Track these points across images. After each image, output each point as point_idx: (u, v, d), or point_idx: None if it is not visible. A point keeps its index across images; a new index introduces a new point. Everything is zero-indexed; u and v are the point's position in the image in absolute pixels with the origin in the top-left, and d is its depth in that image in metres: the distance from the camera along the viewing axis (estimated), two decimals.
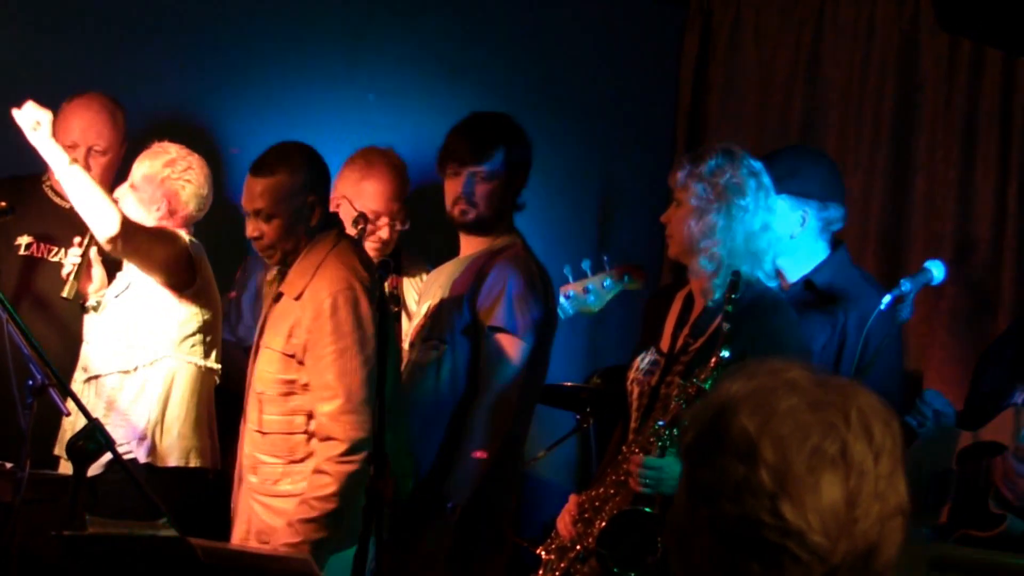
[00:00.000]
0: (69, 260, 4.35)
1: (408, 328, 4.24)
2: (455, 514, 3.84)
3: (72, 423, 3.91)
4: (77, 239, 4.36)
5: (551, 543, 3.59)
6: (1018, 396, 3.58)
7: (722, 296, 3.39)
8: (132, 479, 3.51)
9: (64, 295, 4.28)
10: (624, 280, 4.45)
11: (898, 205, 5.14)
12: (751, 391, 1.55)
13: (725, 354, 3.25)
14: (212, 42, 5.12)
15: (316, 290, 3.70)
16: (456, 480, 3.85)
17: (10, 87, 4.51)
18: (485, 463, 3.87)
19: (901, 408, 3.67)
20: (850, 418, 1.52)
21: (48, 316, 4.51)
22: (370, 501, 3.26)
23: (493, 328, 3.92)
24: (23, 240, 4.58)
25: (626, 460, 3.43)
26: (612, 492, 3.45)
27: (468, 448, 3.86)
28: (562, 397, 4.98)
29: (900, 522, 1.54)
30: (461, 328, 3.95)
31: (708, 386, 3.26)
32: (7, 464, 3.83)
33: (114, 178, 4.52)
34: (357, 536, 3.18)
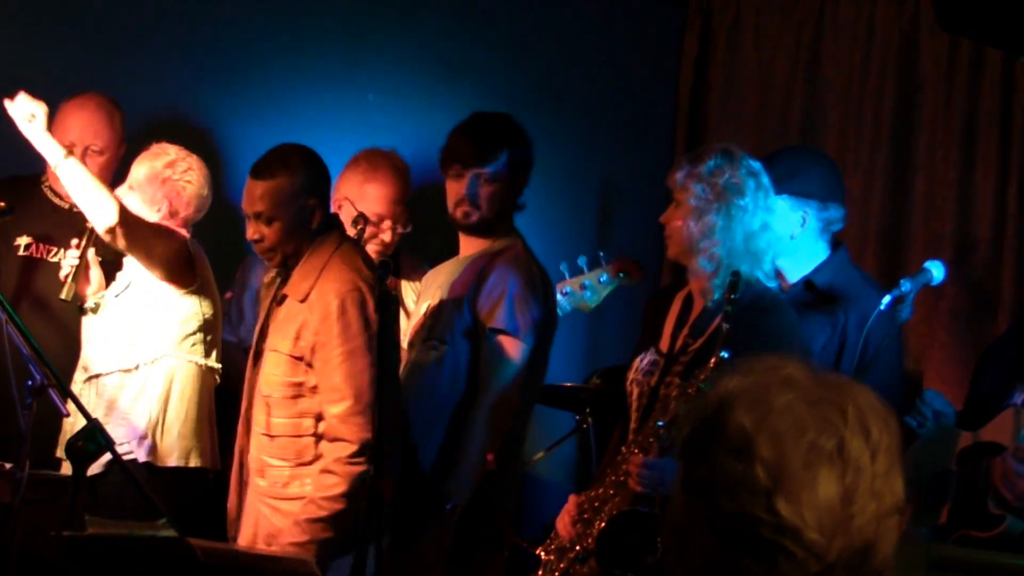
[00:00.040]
0: (67, 262, 4.34)
1: (407, 328, 4.24)
2: (455, 515, 3.84)
3: (72, 424, 3.91)
4: (74, 241, 4.35)
5: (550, 543, 3.59)
6: (1018, 396, 3.57)
7: (721, 296, 3.39)
8: (132, 480, 3.51)
9: (62, 297, 4.28)
10: (621, 276, 4.45)
11: (898, 205, 5.14)
12: (748, 387, 1.54)
13: (725, 354, 3.25)
14: (212, 43, 5.12)
15: (323, 292, 3.69)
16: (456, 481, 3.85)
17: (10, 87, 4.51)
18: (485, 464, 3.87)
19: (901, 408, 3.67)
20: (847, 415, 1.51)
21: (47, 317, 4.50)
22: (370, 501, 3.26)
23: (494, 330, 3.91)
24: (22, 240, 4.57)
25: (625, 461, 3.42)
26: (611, 493, 3.45)
27: (468, 449, 3.86)
28: (562, 397, 4.97)
29: (896, 520, 1.53)
30: (462, 330, 3.94)
31: (708, 386, 3.26)
32: (7, 465, 3.83)
33: (112, 179, 4.52)
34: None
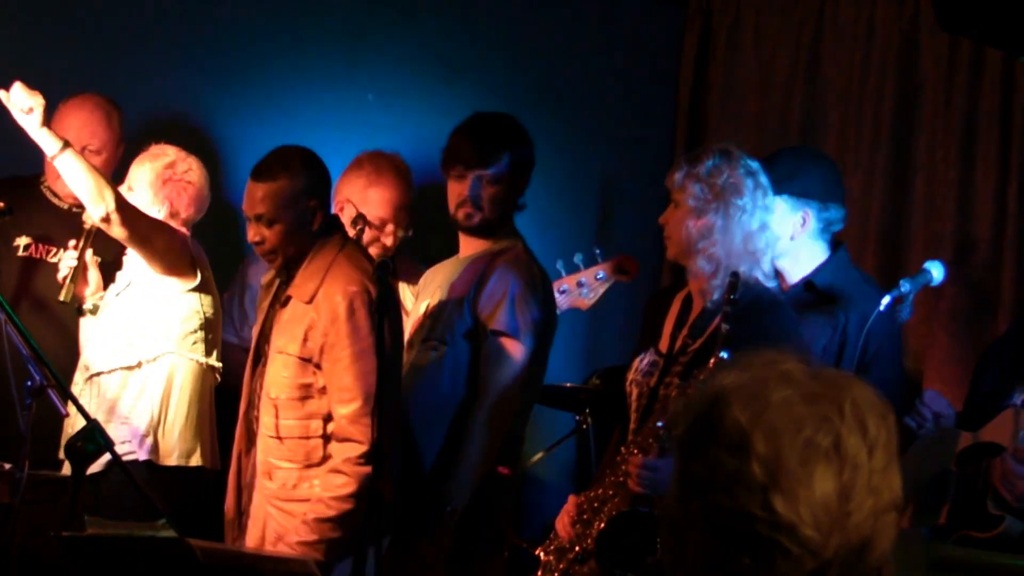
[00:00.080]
0: (65, 263, 4.34)
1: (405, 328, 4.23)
2: (455, 516, 3.84)
3: (73, 424, 3.90)
4: (72, 242, 4.35)
5: (550, 544, 3.59)
6: (1017, 397, 3.56)
7: (721, 297, 3.39)
8: (132, 481, 3.51)
9: (61, 299, 4.28)
10: (617, 272, 4.44)
11: (898, 205, 5.13)
12: (744, 383, 1.52)
13: (724, 355, 3.25)
14: (211, 43, 5.11)
15: (330, 293, 3.68)
16: (456, 482, 3.84)
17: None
18: (484, 465, 3.86)
19: (900, 409, 3.67)
20: (844, 411, 1.50)
21: (47, 317, 4.50)
22: (370, 501, 3.26)
23: (495, 332, 3.90)
24: (22, 241, 4.57)
25: (625, 461, 3.42)
26: (611, 493, 3.45)
27: (468, 450, 3.85)
28: (561, 398, 4.96)
29: (894, 517, 1.52)
30: (462, 331, 3.93)
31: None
32: (6, 465, 3.83)
33: (110, 179, 4.51)
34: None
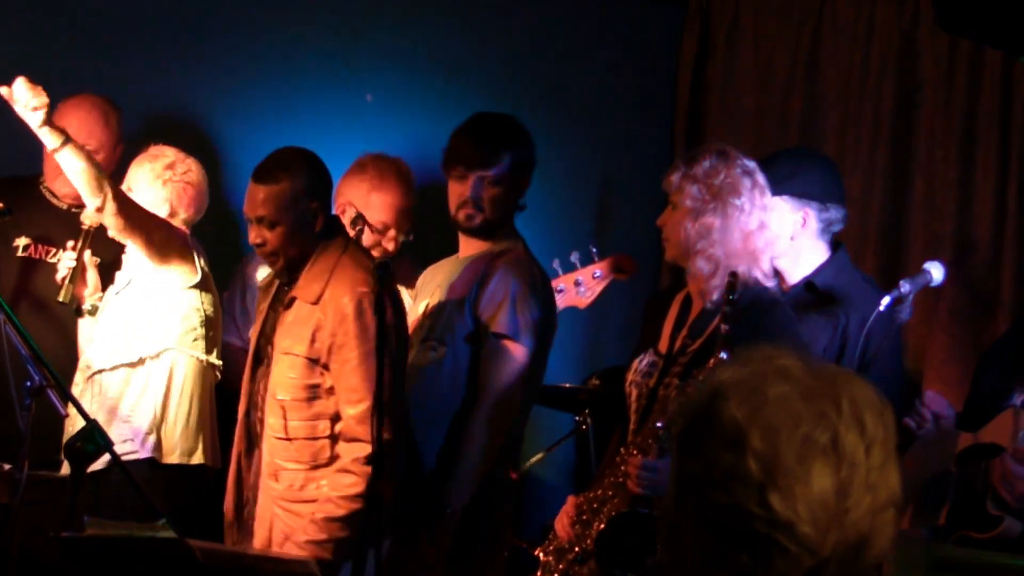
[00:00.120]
0: (64, 264, 4.34)
1: None
2: (455, 517, 3.83)
3: (73, 425, 3.90)
4: (70, 243, 4.36)
5: (549, 544, 3.59)
6: (1017, 397, 3.56)
7: (720, 297, 3.39)
8: (131, 482, 3.51)
9: (60, 299, 4.29)
10: (614, 271, 4.44)
11: (898, 205, 5.12)
12: (742, 379, 1.52)
13: (724, 356, 3.25)
14: (210, 43, 5.11)
15: (337, 294, 3.67)
16: (456, 484, 3.83)
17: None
18: (484, 466, 3.86)
19: (900, 410, 3.66)
20: (842, 408, 1.49)
21: (46, 317, 4.50)
22: (370, 502, 3.26)
23: (496, 334, 3.89)
24: (21, 241, 4.57)
25: (624, 462, 3.42)
26: (610, 494, 3.45)
27: (468, 452, 3.85)
28: (561, 398, 4.96)
29: (892, 514, 1.51)
30: (463, 333, 3.92)
31: None
32: (6, 465, 3.83)
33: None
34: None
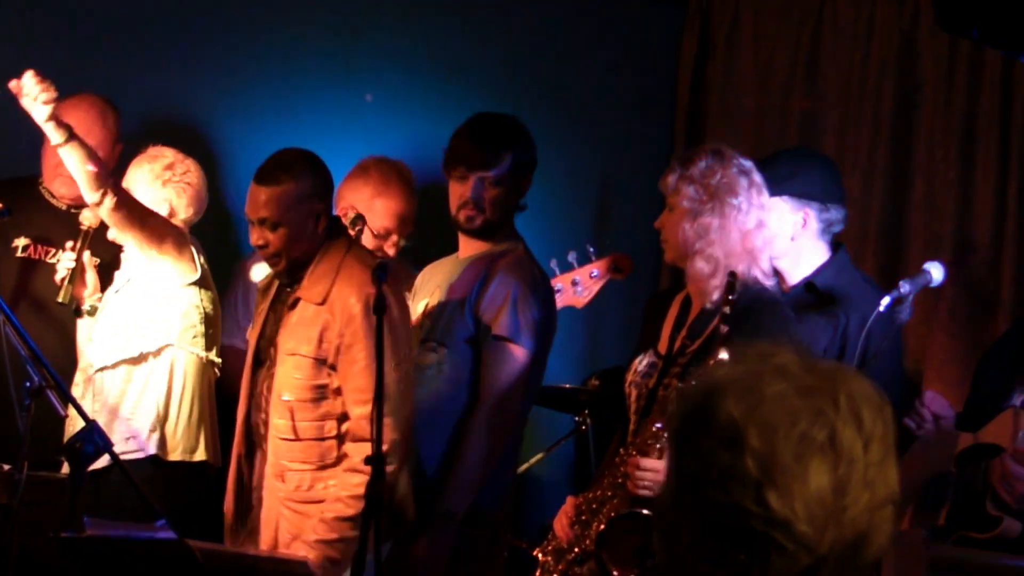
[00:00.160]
0: (63, 265, 4.35)
1: None
2: (456, 520, 3.82)
3: (73, 426, 3.90)
4: (69, 244, 4.36)
5: (547, 545, 3.59)
6: (1017, 398, 3.56)
7: (720, 297, 3.39)
8: (131, 482, 3.51)
9: (59, 300, 4.29)
10: (611, 270, 4.43)
11: (897, 205, 5.12)
12: (739, 376, 1.51)
13: (723, 356, 3.24)
14: (209, 43, 5.11)
15: (344, 294, 3.66)
16: (457, 486, 3.82)
17: (6, 89, 4.50)
18: (485, 469, 3.85)
19: (900, 410, 3.66)
20: (839, 404, 1.48)
21: (46, 318, 4.50)
22: (369, 504, 3.25)
23: (498, 337, 3.87)
24: (20, 242, 4.57)
25: (624, 463, 3.42)
26: (610, 494, 3.45)
27: (469, 456, 3.83)
28: (560, 399, 4.96)
29: (891, 511, 1.50)
30: (464, 336, 3.90)
31: None
32: (5, 466, 3.83)
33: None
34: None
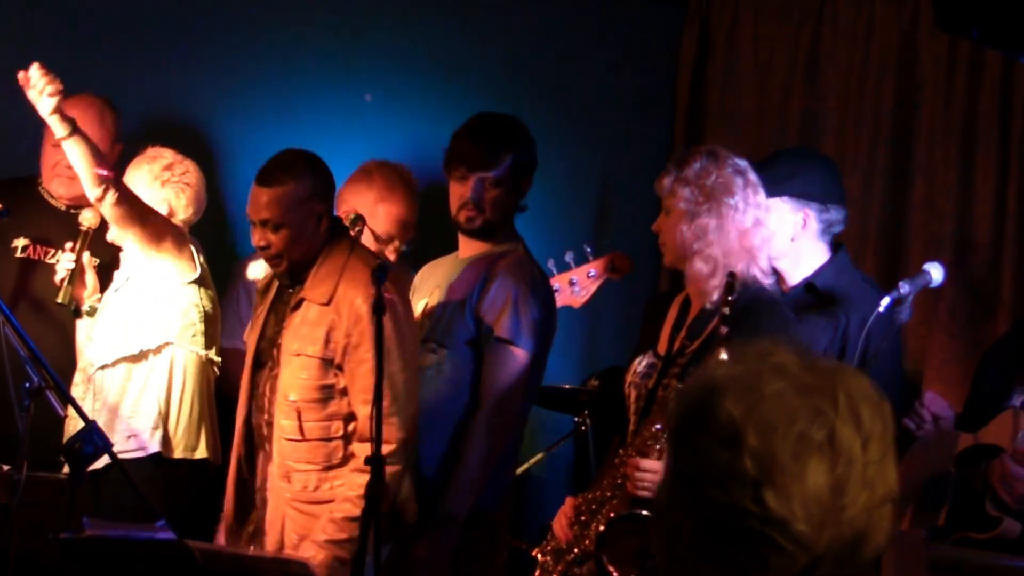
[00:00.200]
0: (62, 266, 4.34)
1: None
2: (457, 522, 3.81)
3: (75, 425, 3.90)
4: (69, 244, 4.36)
5: (547, 545, 3.59)
6: (1017, 398, 3.56)
7: (720, 297, 3.39)
8: (130, 483, 3.51)
9: (59, 301, 4.29)
10: (609, 270, 4.43)
11: (897, 206, 5.12)
12: (738, 375, 1.50)
13: (723, 357, 3.24)
14: (208, 44, 5.10)
15: (350, 294, 3.65)
16: (458, 489, 3.81)
17: (6, 87, 4.51)
18: (486, 471, 3.84)
19: (899, 411, 3.66)
20: (838, 402, 1.47)
21: (45, 318, 4.50)
22: (368, 505, 3.25)
23: (499, 339, 3.85)
24: (20, 242, 4.57)
25: (623, 463, 3.42)
26: (609, 495, 3.45)
27: (469, 459, 3.82)
28: (560, 399, 4.96)
29: (889, 510, 1.50)
30: (464, 338, 3.88)
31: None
32: (5, 467, 3.83)
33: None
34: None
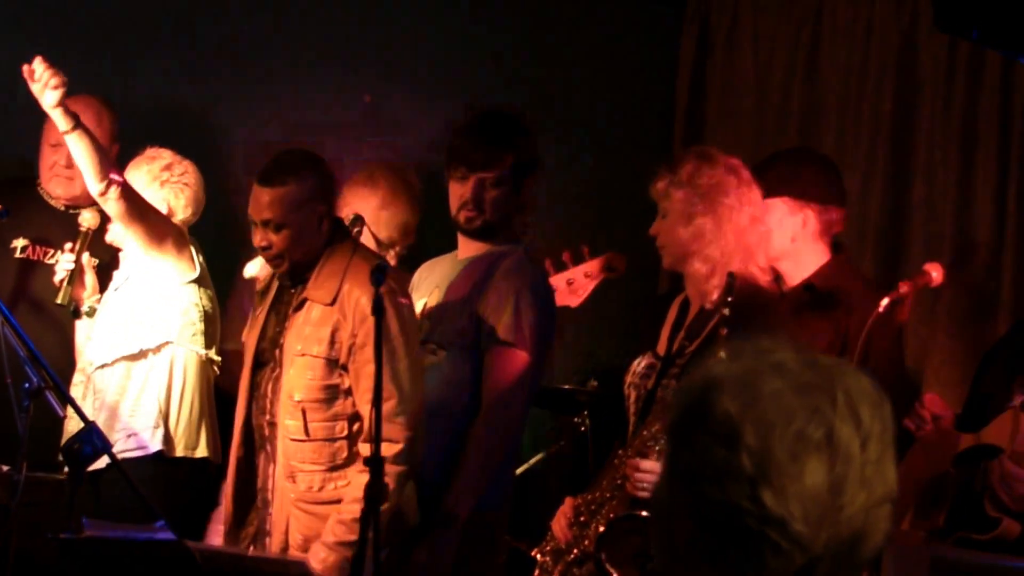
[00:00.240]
0: (61, 266, 4.34)
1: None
2: (458, 524, 3.80)
3: (75, 427, 3.90)
4: (68, 245, 4.36)
5: (545, 545, 3.59)
6: (1017, 398, 3.57)
7: (719, 297, 3.39)
8: (129, 483, 3.51)
9: (58, 301, 4.29)
10: (606, 270, 4.43)
11: (897, 207, 5.12)
12: (736, 373, 1.50)
13: (722, 356, 3.24)
14: (207, 43, 5.10)
15: (354, 294, 3.64)
16: (459, 492, 3.80)
17: (5, 87, 4.51)
18: (487, 474, 3.84)
19: (900, 412, 3.66)
20: (837, 401, 1.46)
21: (44, 319, 4.50)
22: (368, 505, 3.25)
23: (499, 341, 3.83)
24: (19, 243, 4.57)
25: (622, 464, 3.42)
26: (608, 496, 3.45)
27: (470, 462, 3.81)
28: (559, 400, 4.96)
29: (888, 509, 1.49)
30: (464, 339, 3.86)
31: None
32: (4, 467, 3.83)
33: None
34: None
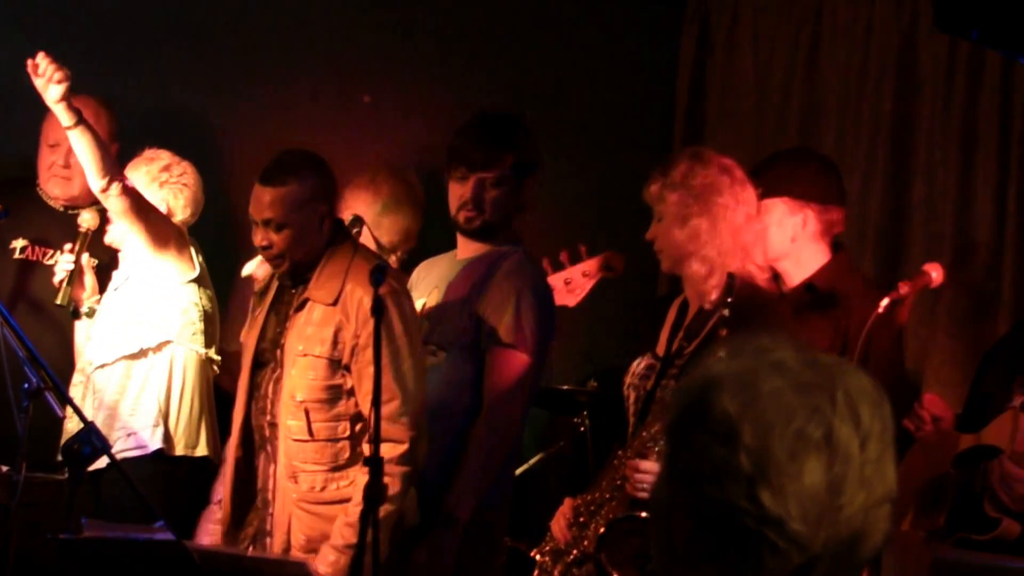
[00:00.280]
0: (61, 267, 4.35)
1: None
2: (458, 526, 3.80)
3: (74, 427, 3.90)
4: (68, 246, 4.36)
5: (545, 545, 3.59)
6: (1017, 398, 3.57)
7: (719, 298, 3.39)
8: (129, 483, 3.51)
9: (58, 302, 4.29)
10: (604, 269, 4.43)
11: (897, 207, 5.12)
12: (735, 371, 1.49)
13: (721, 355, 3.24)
14: (209, 44, 5.11)
15: (357, 294, 3.64)
16: (460, 493, 3.79)
17: (4, 87, 4.51)
18: (488, 475, 3.83)
19: (900, 412, 3.66)
20: (836, 400, 1.46)
21: (43, 319, 4.50)
22: (367, 505, 3.25)
23: (499, 342, 3.82)
24: (18, 244, 4.57)
25: (622, 465, 3.42)
26: (607, 496, 3.45)
27: (471, 464, 3.81)
28: (559, 400, 4.96)
29: (887, 510, 1.48)
30: (464, 341, 3.85)
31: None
32: (3, 467, 3.83)
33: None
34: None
